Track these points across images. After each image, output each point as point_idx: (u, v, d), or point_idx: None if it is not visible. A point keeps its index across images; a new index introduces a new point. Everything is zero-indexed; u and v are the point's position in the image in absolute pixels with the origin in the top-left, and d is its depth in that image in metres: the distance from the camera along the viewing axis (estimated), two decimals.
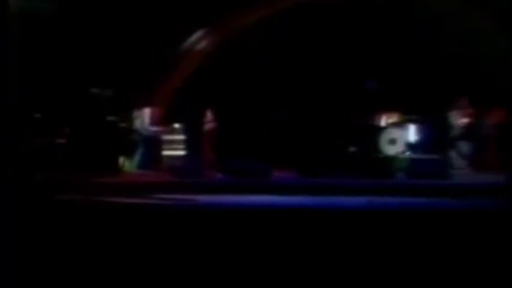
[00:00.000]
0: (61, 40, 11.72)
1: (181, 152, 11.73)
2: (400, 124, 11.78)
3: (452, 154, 11.45)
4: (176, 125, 12.07)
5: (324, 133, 11.63)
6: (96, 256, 5.92)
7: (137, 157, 11.77)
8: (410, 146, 11.59)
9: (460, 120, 11.77)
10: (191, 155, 11.43)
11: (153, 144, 11.91)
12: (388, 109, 11.93)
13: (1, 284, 5.42)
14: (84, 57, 11.79)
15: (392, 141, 11.46)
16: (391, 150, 11.41)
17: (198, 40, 12.92)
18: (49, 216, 6.75)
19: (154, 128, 12.00)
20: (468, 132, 11.48)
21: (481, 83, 11.91)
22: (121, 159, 11.68)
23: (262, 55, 12.57)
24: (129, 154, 11.74)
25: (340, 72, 12.51)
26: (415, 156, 11.07)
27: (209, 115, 11.87)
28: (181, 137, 11.91)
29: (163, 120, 12.14)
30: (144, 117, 11.99)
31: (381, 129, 11.77)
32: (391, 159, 11.11)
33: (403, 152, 11.36)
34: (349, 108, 11.94)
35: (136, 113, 12.10)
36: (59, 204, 7.50)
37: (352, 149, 11.58)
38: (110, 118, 11.65)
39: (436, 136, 11.53)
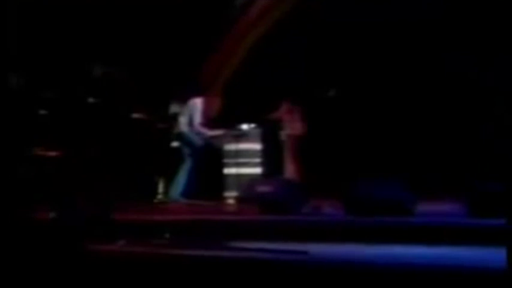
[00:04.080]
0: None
1: (257, 170, 10.71)
2: None
3: None
4: (245, 126, 10.93)
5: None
6: None
7: (183, 177, 10.57)
8: None
9: None
10: (276, 174, 10.67)
11: (209, 156, 10.90)
12: None
13: None
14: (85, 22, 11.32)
15: None
16: None
17: None
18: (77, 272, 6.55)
19: (210, 132, 10.75)
20: None
21: None
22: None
23: None
24: (169, 172, 10.81)
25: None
26: None
27: (292, 111, 11.06)
28: (255, 145, 10.82)
29: (224, 118, 11.08)
30: (193, 114, 10.72)
31: None
32: None
33: None
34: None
35: (177, 107, 11.07)
36: (90, 257, 6.99)
37: None
38: (136, 116, 10.66)
39: None
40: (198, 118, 10.79)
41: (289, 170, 10.98)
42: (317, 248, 7.27)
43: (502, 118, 10.54)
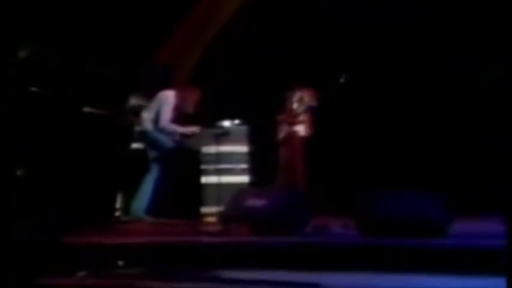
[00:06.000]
0: None
1: (244, 178, 10.06)
2: None
3: None
4: (226, 123, 10.32)
5: None
6: None
7: (148, 188, 9.92)
8: None
9: None
10: (268, 184, 10.35)
11: (182, 161, 10.34)
12: None
13: None
14: None
15: None
16: None
17: None
18: None
19: (182, 129, 10.10)
20: None
21: None
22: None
23: None
24: (129, 182, 10.24)
25: None
26: None
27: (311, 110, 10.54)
28: (241, 147, 10.20)
29: (204, 112, 10.50)
30: (161, 109, 10.06)
31: None
32: None
33: None
34: None
35: (138, 99, 10.55)
36: None
37: None
38: (87, 110, 9.79)
39: None
40: (167, 114, 10.03)
41: (287, 178, 10.28)
42: (331, 279, 6.68)
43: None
